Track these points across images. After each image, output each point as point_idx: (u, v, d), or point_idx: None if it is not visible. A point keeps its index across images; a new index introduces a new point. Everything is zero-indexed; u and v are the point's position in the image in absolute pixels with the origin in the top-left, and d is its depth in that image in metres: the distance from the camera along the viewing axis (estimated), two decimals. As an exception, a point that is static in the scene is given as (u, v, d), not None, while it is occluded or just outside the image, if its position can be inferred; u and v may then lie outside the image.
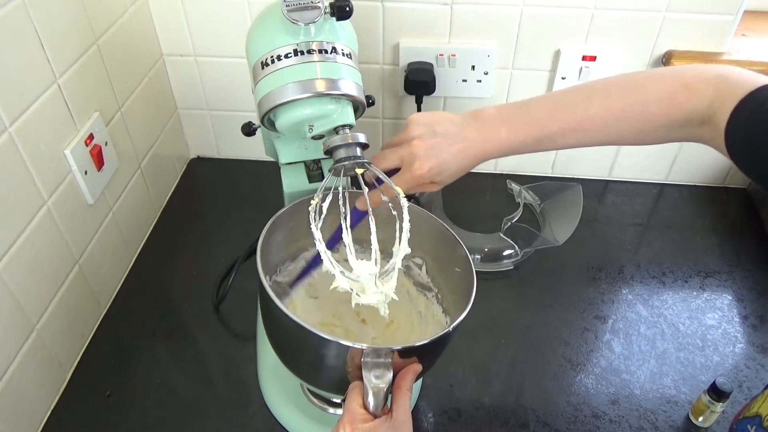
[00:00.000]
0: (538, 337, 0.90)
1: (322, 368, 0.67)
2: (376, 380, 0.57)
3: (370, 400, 0.57)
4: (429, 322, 0.80)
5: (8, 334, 0.72)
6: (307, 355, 0.66)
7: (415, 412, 0.81)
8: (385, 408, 0.59)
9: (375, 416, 0.58)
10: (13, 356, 0.73)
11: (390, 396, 0.60)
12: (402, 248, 0.65)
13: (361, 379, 0.59)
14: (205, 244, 1.05)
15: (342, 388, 0.65)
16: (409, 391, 0.60)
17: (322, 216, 0.65)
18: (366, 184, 0.67)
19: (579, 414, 0.81)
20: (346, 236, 0.64)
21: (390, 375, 0.58)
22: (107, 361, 0.87)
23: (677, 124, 0.63)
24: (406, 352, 0.61)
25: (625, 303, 0.95)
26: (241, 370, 0.86)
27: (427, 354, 0.65)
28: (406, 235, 0.65)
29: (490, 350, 0.88)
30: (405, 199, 0.66)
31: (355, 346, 0.58)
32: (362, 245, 0.73)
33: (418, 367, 0.62)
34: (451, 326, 0.62)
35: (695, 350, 0.89)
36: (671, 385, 0.84)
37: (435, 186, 0.71)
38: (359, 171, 0.67)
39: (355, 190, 0.71)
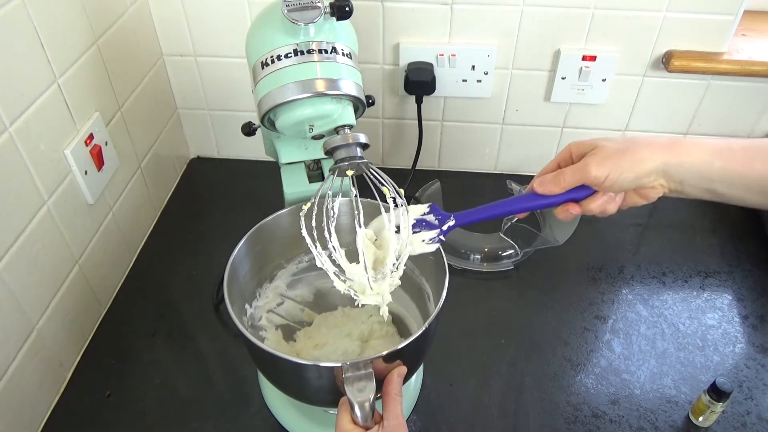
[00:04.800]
0: (538, 337, 0.90)
1: (316, 390, 0.67)
2: (359, 393, 0.57)
3: (357, 413, 0.58)
4: (416, 314, 0.82)
5: (8, 334, 0.72)
6: (296, 381, 0.67)
7: (415, 412, 0.81)
8: (376, 416, 0.59)
9: (367, 428, 0.58)
10: (13, 356, 0.74)
11: (382, 403, 0.60)
12: (392, 248, 0.65)
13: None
14: (205, 244, 1.05)
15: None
16: (398, 395, 0.60)
17: (331, 216, 0.64)
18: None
19: (579, 414, 0.81)
20: (335, 240, 0.64)
21: (372, 385, 0.58)
22: (107, 361, 0.87)
23: None
24: (387, 358, 0.61)
25: (625, 303, 0.95)
26: (241, 370, 0.86)
27: (409, 355, 0.65)
28: (407, 232, 0.65)
29: (490, 350, 0.88)
30: (403, 199, 0.66)
31: (333, 365, 0.59)
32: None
33: (403, 370, 0.62)
34: (426, 323, 0.63)
35: (695, 350, 0.89)
36: (671, 385, 0.84)
37: (601, 183, 0.60)
38: (349, 173, 0.66)
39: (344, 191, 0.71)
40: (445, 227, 0.67)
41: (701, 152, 0.58)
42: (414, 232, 0.67)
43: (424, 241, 0.67)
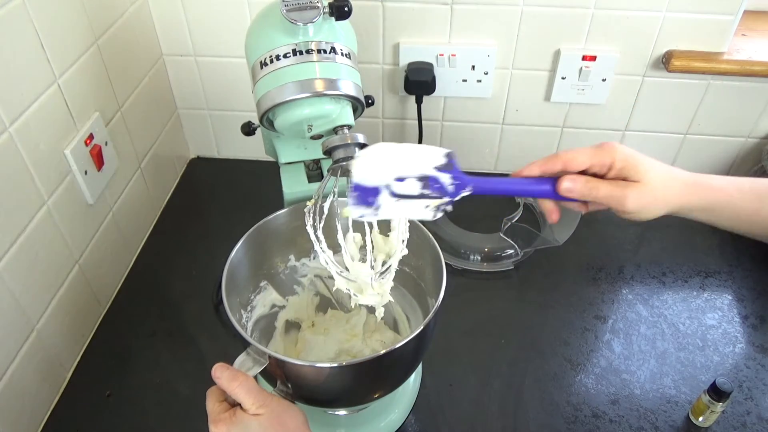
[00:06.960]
0: (538, 337, 0.90)
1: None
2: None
3: None
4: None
5: (8, 334, 0.73)
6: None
7: (414, 412, 0.81)
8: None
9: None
10: (13, 356, 0.74)
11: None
12: (399, 250, 0.65)
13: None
14: (205, 244, 1.05)
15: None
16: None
17: (323, 216, 0.65)
18: None
19: (579, 414, 0.81)
20: (341, 238, 0.64)
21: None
22: (107, 361, 0.87)
23: None
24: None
25: (625, 303, 0.95)
26: (241, 370, 0.86)
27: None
28: (405, 233, 0.65)
29: (490, 350, 0.88)
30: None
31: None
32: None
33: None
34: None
35: (695, 350, 0.88)
36: (671, 385, 0.84)
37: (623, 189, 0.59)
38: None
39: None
40: (458, 197, 0.56)
41: (717, 193, 0.61)
42: (421, 196, 0.54)
43: (428, 207, 0.55)
